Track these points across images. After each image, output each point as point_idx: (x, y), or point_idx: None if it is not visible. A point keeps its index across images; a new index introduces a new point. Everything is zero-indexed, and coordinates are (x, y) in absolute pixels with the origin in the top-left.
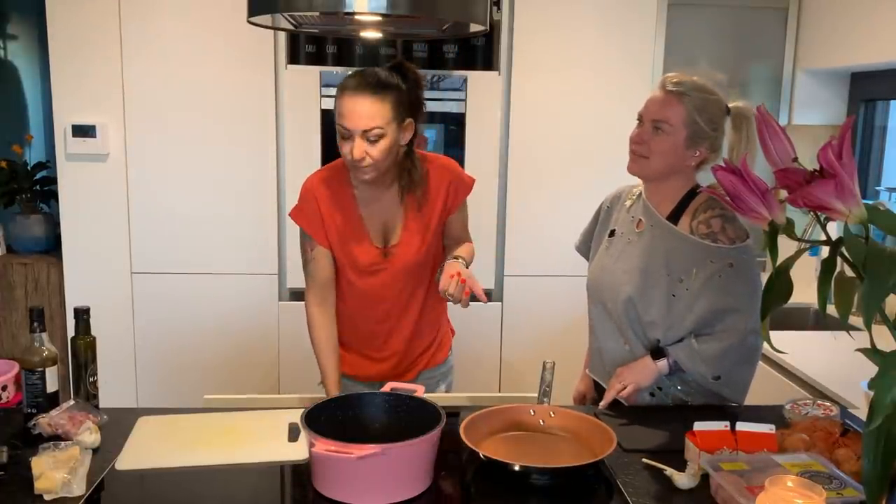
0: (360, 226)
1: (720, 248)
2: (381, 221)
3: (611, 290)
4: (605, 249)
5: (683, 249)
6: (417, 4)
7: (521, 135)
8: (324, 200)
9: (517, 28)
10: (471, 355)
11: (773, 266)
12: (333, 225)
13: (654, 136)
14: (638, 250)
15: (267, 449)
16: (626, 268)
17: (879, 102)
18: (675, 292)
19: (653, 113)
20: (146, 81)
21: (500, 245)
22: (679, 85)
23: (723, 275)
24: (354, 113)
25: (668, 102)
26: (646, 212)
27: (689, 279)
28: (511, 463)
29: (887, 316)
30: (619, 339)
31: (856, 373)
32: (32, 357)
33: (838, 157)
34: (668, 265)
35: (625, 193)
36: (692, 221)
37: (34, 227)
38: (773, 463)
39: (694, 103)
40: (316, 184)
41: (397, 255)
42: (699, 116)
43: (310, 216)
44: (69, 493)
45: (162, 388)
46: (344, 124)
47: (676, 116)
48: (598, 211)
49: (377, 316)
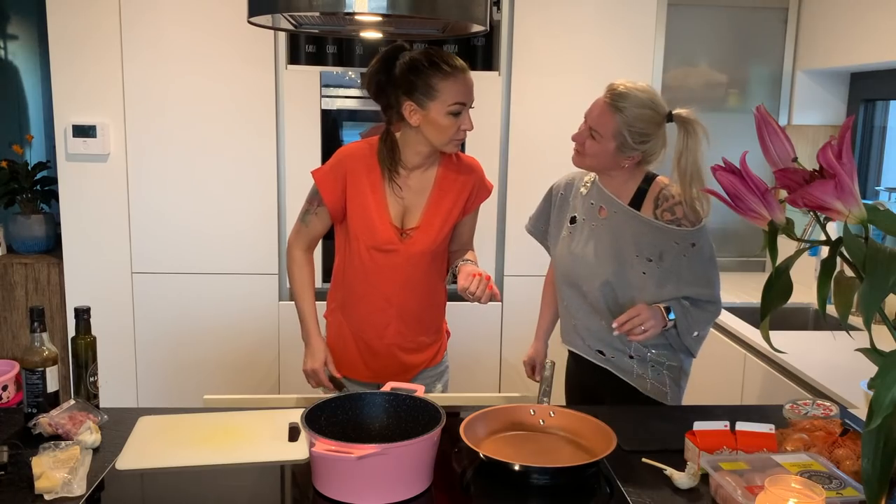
0: (383, 204)
1: (683, 230)
2: (404, 205)
3: (585, 274)
4: (568, 235)
5: (649, 233)
6: (417, 4)
7: (521, 135)
8: (353, 172)
9: (517, 28)
10: (471, 355)
11: (773, 266)
12: (357, 197)
13: (588, 138)
14: (606, 235)
15: (267, 449)
16: (597, 252)
17: (879, 102)
18: (645, 270)
19: (589, 119)
20: (146, 81)
21: (500, 245)
22: (618, 98)
23: (687, 254)
24: (471, 88)
25: (603, 113)
26: (606, 200)
27: (657, 260)
28: (511, 463)
29: (887, 316)
30: (594, 316)
31: (856, 373)
32: (33, 357)
33: (838, 157)
34: (637, 247)
35: (577, 180)
36: (656, 209)
37: (34, 227)
38: (773, 463)
39: (626, 119)
40: (352, 153)
41: (414, 239)
42: (627, 131)
43: (333, 181)
44: (69, 493)
45: (162, 388)
46: (463, 100)
47: (606, 128)
48: (549, 195)
49: (383, 297)
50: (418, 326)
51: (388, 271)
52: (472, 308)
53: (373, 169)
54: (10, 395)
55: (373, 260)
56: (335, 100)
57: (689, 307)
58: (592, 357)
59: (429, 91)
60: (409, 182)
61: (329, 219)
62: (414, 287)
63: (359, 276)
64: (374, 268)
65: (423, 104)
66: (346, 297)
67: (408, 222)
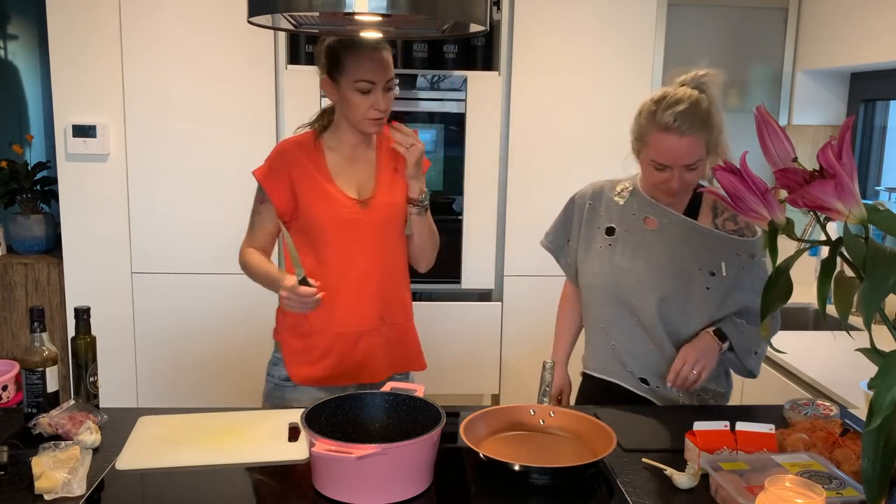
0: (333, 183)
1: (744, 240)
2: (356, 181)
3: (638, 290)
4: (607, 248)
5: (709, 244)
6: (417, 4)
7: (521, 135)
8: (295, 161)
9: (517, 28)
10: (471, 355)
11: (773, 266)
12: (306, 181)
13: (687, 174)
14: (659, 248)
15: (267, 449)
16: (651, 266)
17: (879, 102)
18: (709, 285)
19: (682, 159)
20: (146, 81)
21: (500, 245)
22: (685, 118)
23: (746, 266)
24: (384, 66)
25: (689, 143)
26: (655, 210)
27: (719, 273)
28: (511, 463)
29: (887, 316)
30: (642, 338)
31: (856, 373)
32: (33, 357)
33: (838, 157)
34: (698, 260)
35: (607, 189)
36: (716, 219)
37: (34, 227)
38: (773, 463)
39: (704, 127)
40: (291, 146)
41: (374, 206)
42: (714, 131)
43: (275, 176)
44: (69, 493)
45: (162, 388)
46: (369, 78)
47: (701, 149)
48: (570, 206)
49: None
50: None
51: (357, 246)
52: (472, 308)
53: (314, 153)
54: (10, 395)
55: (340, 239)
56: None
57: (744, 325)
58: (633, 386)
59: (338, 66)
60: (353, 158)
61: (275, 216)
62: (384, 260)
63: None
64: (342, 248)
65: (335, 79)
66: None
67: (363, 195)
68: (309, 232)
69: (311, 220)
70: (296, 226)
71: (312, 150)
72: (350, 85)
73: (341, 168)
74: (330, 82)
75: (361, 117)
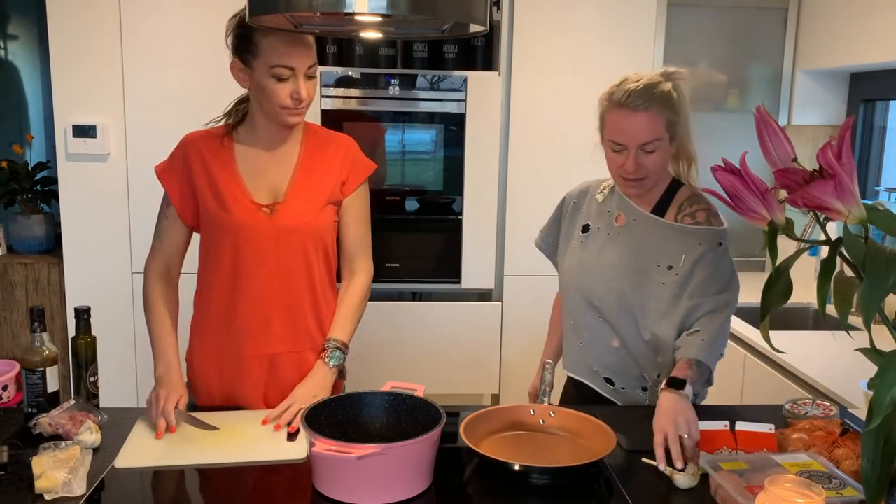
0: (236, 179)
1: (708, 229)
2: (265, 182)
3: (599, 286)
4: (580, 244)
5: (672, 238)
6: (417, 4)
7: (521, 135)
8: (196, 154)
9: (517, 28)
10: (471, 355)
11: (772, 266)
12: (205, 177)
13: (644, 157)
14: (624, 245)
15: (267, 449)
16: (613, 262)
17: (879, 102)
18: (664, 280)
19: (636, 135)
20: (146, 81)
21: (500, 245)
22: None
23: (712, 253)
24: (305, 51)
25: (644, 119)
26: (626, 207)
27: (677, 265)
28: (511, 463)
29: (887, 316)
30: (607, 336)
31: (855, 373)
32: (33, 357)
33: (838, 157)
34: (659, 258)
35: (592, 188)
36: (678, 214)
37: (34, 227)
38: (773, 463)
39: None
40: (194, 137)
41: (281, 214)
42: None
43: (173, 173)
44: (70, 493)
45: None
46: (287, 64)
47: (658, 128)
48: (560, 206)
49: (256, 290)
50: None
51: (261, 255)
52: (472, 308)
53: (222, 149)
54: (10, 395)
55: (243, 248)
56: (335, 100)
57: (702, 364)
58: (598, 386)
59: (251, 47)
60: (269, 156)
61: (182, 223)
62: (293, 275)
63: (232, 275)
64: (245, 258)
65: (248, 62)
66: (216, 311)
67: (278, 198)
68: (206, 239)
69: (206, 224)
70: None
71: (220, 146)
72: (265, 71)
73: (253, 167)
74: (241, 66)
75: (279, 106)
